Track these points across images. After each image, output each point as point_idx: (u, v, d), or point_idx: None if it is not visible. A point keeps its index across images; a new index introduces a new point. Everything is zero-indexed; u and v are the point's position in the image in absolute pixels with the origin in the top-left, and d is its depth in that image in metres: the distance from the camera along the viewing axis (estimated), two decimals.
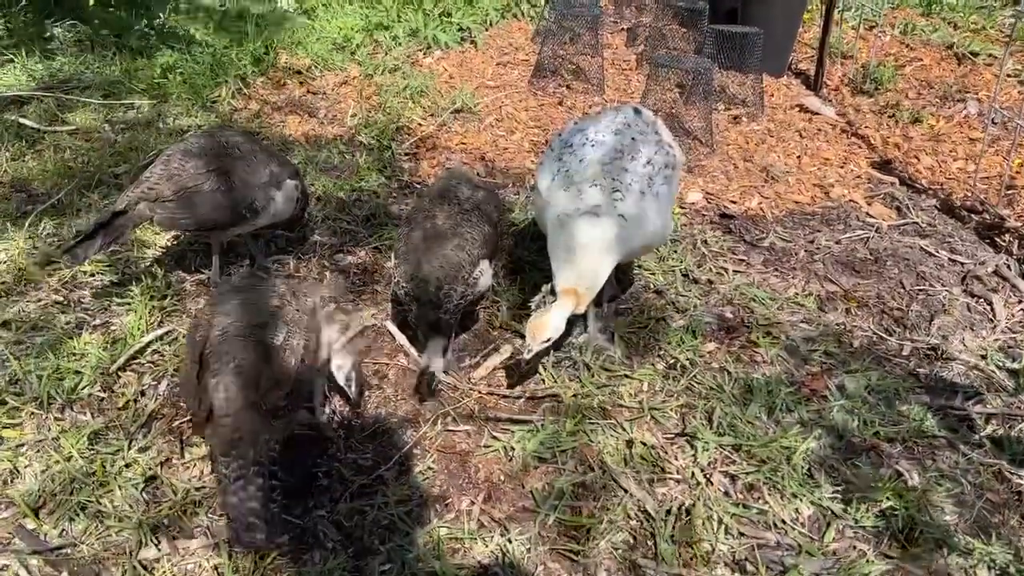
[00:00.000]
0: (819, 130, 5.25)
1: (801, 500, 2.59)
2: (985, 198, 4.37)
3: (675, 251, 3.88)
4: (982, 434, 2.90)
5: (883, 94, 5.60)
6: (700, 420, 2.89)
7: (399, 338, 3.26)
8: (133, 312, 3.30)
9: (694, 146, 4.88)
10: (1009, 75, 5.65)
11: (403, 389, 3.04)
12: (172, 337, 3.21)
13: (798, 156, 4.90)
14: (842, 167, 4.80)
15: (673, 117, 5.01)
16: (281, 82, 5.69)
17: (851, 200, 4.45)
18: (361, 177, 4.50)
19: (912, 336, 3.40)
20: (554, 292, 2.90)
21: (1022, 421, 2.93)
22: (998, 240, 4.06)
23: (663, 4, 6.15)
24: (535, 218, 3.34)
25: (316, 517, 2.50)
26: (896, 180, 4.66)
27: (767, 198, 4.45)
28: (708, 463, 2.72)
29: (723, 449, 2.77)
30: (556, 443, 2.77)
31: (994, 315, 3.52)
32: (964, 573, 2.39)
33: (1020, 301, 3.62)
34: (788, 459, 2.71)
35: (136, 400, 2.92)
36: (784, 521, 2.52)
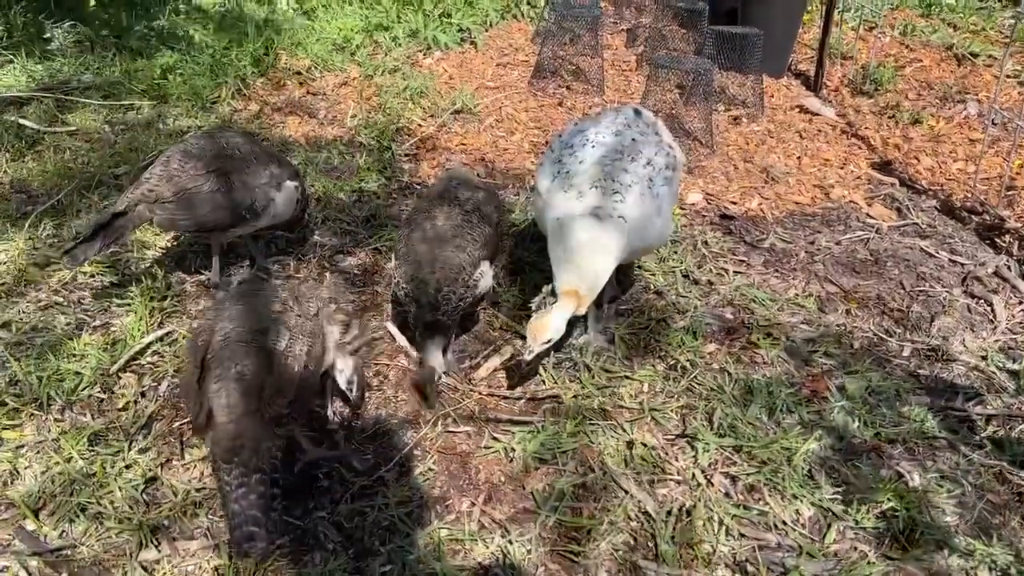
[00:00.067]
0: (819, 131, 5.25)
1: (802, 501, 2.59)
2: (985, 199, 4.37)
3: (675, 252, 3.88)
4: (983, 435, 2.90)
5: (883, 95, 5.60)
6: (701, 421, 2.89)
7: (399, 339, 3.26)
8: (133, 313, 3.30)
9: (694, 147, 4.88)
10: (1009, 76, 5.65)
11: (403, 390, 3.03)
12: (172, 338, 3.21)
13: (798, 157, 4.90)
14: (842, 168, 4.80)
15: (673, 118, 5.00)
16: (281, 83, 5.69)
17: (851, 201, 4.45)
18: (361, 178, 4.50)
19: (912, 337, 3.40)
20: (555, 293, 2.90)
21: (1022, 422, 2.93)
22: (998, 241, 4.07)
23: (663, 5, 6.15)
24: (535, 219, 3.34)
25: (316, 518, 2.50)
26: (896, 181, 4.66)
27: (767, 199, 4.45)
28: (709, 464, 2.72)
29: (724, 450, 2.77)
30: (556, 444, 2.77)
31: (994, 316, 3.52)
32: (965, 574, 2.39)
33: (1020, 302, 3.62)
34: (789, 460, 2.71)
35: (136, 401, 2.92)
36: (785, 522, 2.52)
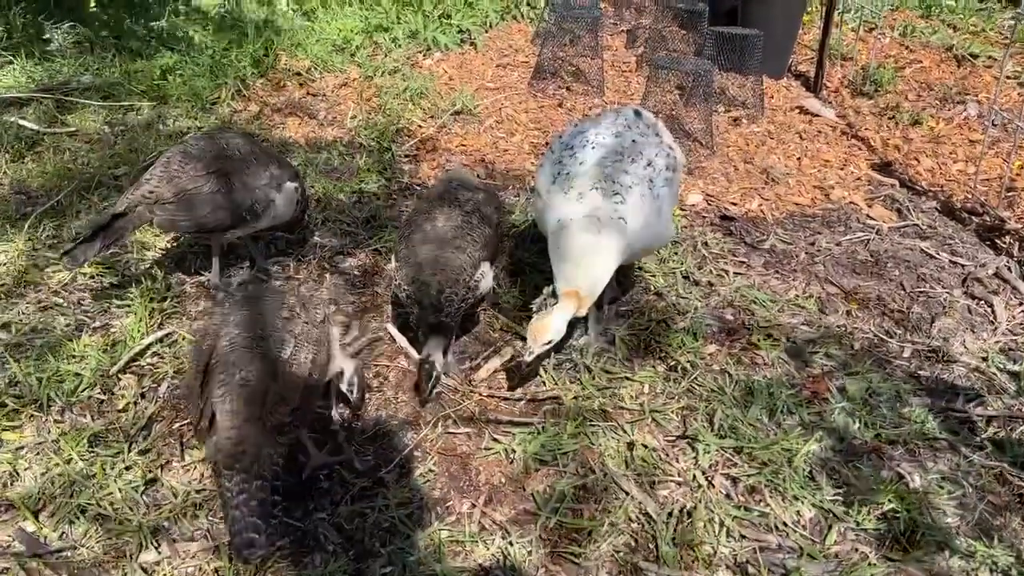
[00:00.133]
0: (819, 132, 5.25)
1: (803, 502, 2.59)
2: (985, 200, 4.37)
3: (675, 253, 3.88)
4: (983, 436, 2.90)
5: (883, 96, 5.61)
6: (701, 422, 2.88)
7: (400, 340, 3.26)
8: (133, 314, 3.30)
9: (694, 148, 4.88)
10: (1009, 77, 5.65)
11: (404, 391, 3.03)
12: (172, 339, 3.21)
13: (798, 158, 4.90)
14: (842, 169, 4.80)
15: (673, 119, 5.00)
16: (281, 84, 5.68)
17: (851, 202, 4.45)
18: (361, 179, 4.49)
19: (913, 338, 3.40)
20: (555, 295, 2.89)
21: (1023, 423, 2.93)
22: (999, 242, 4.06)
23: (663, 6, 6.15)
24: (535, 220, 3.34)
25: (317, 520, 2.50)
26: (896, 182, 4.66)
27: (767, 200, 4.45)
28: (709, 465, 2.72)
29: (724, 451, 2.76)
30: (557, 446, 2.77)
31: (995, 317, 3.52)
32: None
33: (1021, 303, 3.62)
34: (789, 461, 2.71)
35: (136, 402, 2.91)
36: (786, 523, 2.52)
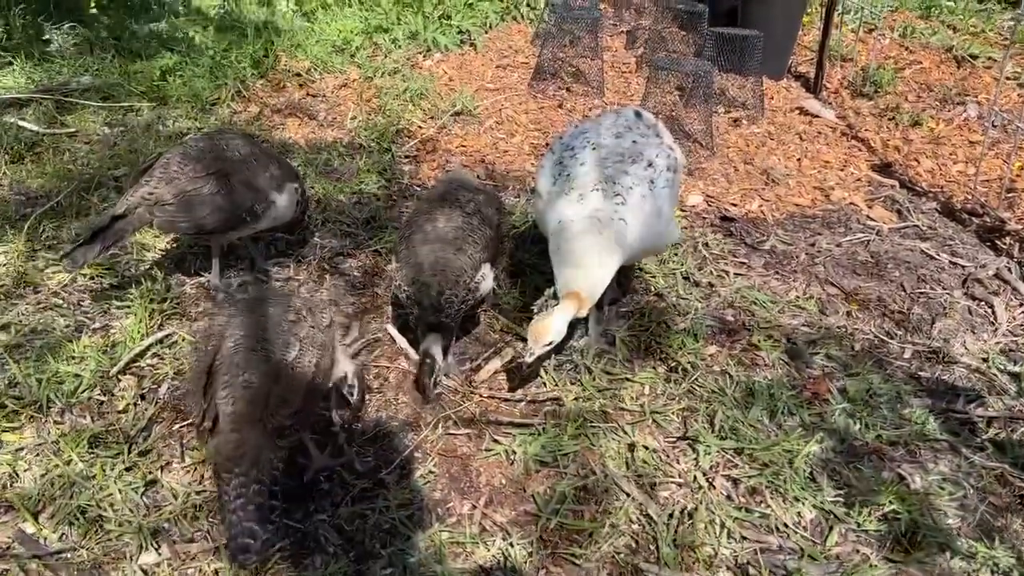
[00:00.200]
0: (819, 133, 5.25)
1: (803, 503, 2.59)
2: (985, 201, 4.37)
3: (676, 254, 3.88)
4: (984, 437, 2.89)
5: (883, 97, 5.60)
6: (702, 423, 2.88)
7: (400, 341, 3.25)
8: (133, 315, 3.29)
9: (694, 149, 4.88)
10: (1009, 78, 5.65)
11: (404, 392, 3.03)
12: (172, 340, 3.21)
13: (798, 159, 4.90)
14: (842, 170, 4.80)
15: (673, 120, 5.00)
16: (281, 85, 5.68)
17: (852, 203, 4.45)
18: (361, 180, 4.49)
19: (913, 339, 3.39)
20: (556, 296, 2.89)
21: None
22: (999, 243, 4.06)
23: (663, 7, 6.14)
24: (536, 221, 3.34)
25: (317, 521, 2.49)
26: (896, 183, 4.66)
27: (767, 201, 4.45)
28: (710, 467, 2.72)
29: (725, 452, 2.76)
30: (557, 447, 2.77)
31: (995, 318, 3.52)
32: None
33: (1021, 304, 3.62)
34: (790, 462, 2.71)
35: (136, 404, 2.91)
36: (786, 525, 2.52)
